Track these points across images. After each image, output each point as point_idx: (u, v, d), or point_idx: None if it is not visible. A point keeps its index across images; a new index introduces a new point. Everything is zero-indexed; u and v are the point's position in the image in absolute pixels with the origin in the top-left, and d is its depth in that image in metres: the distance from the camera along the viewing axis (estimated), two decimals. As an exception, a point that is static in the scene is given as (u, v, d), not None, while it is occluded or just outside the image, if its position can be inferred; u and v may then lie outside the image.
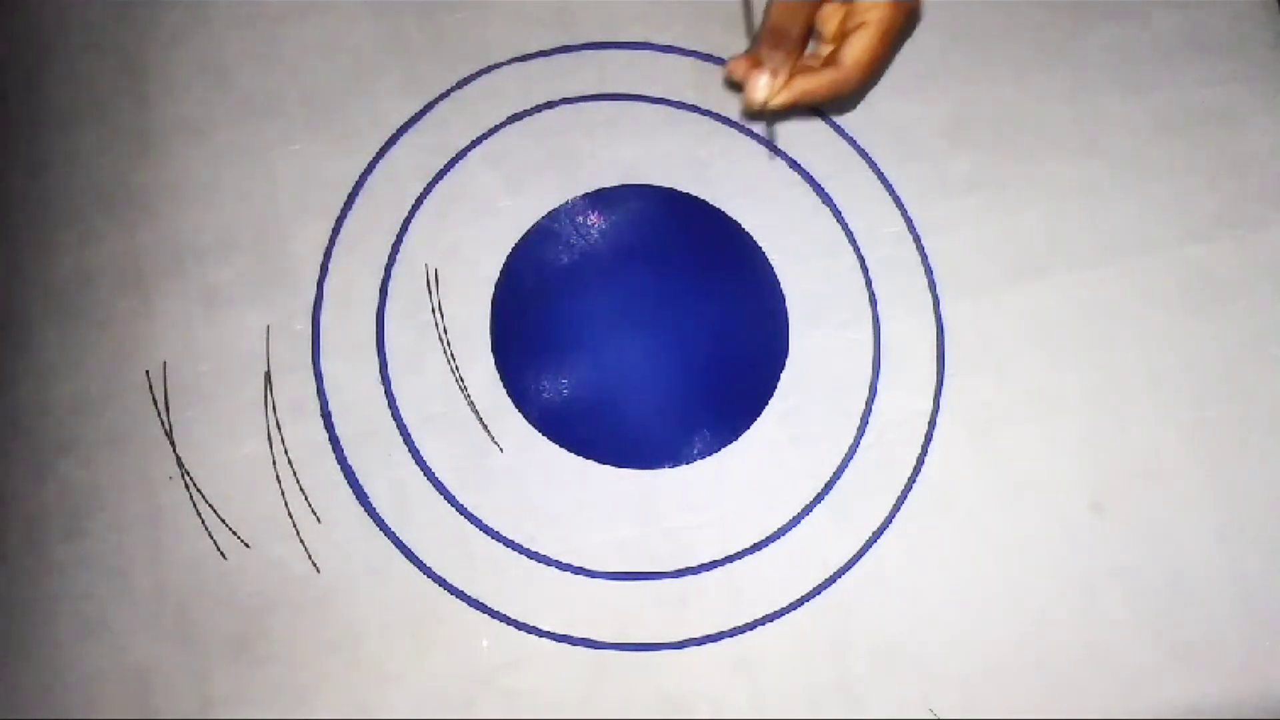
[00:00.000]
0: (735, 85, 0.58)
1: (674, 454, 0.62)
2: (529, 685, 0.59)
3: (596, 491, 0.62)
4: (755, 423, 0.63)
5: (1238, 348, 0.64)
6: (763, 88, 0.56)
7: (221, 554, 0.60)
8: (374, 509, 0.61)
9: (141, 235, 0.64)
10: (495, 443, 0.62)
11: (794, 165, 0.66)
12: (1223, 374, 0.64)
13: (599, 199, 0.65)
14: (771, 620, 0.60)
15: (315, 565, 0.60)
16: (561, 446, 0.62)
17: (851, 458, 0.62)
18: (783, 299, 0.65)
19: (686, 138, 0.66)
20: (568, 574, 0.61)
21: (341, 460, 0.62)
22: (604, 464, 0.62)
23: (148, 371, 0.62)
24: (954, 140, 0.66)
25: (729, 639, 0.60)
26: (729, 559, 0.61)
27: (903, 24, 0.58)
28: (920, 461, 0.62)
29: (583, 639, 0.60)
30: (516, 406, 0.63)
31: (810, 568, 0.61)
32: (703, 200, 0.65)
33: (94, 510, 0.61)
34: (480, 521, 0.61)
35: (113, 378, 0.62)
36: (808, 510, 0.62)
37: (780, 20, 0.55)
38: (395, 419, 0.62)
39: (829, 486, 0.62)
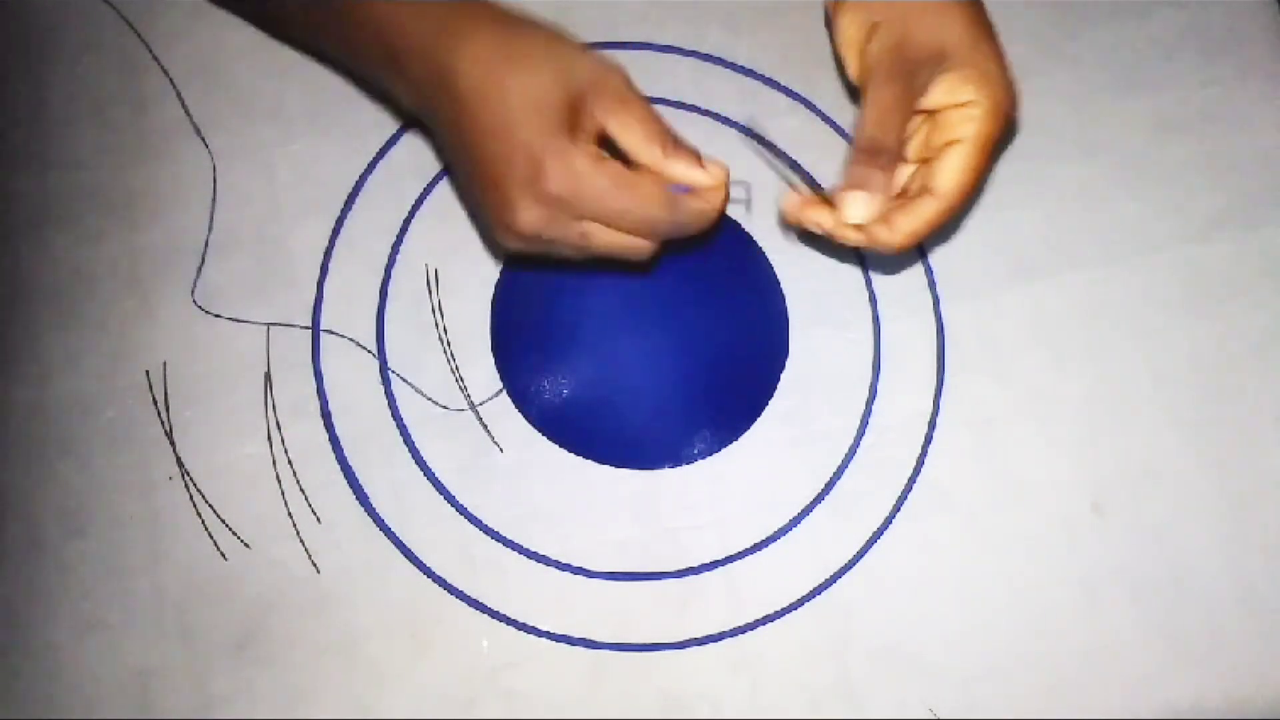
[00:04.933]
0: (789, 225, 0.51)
1: (674, 454, 0.62)
2: (529, 685, 0.59)
3: (596, 491, 0.62)
4: (755, 423, 0.63)
5: (1238, 348, 0.64)
6: (863, 203, 0.48)
7: (221, 554, 0.60)
8: (374, 509, 0.61)
9: (141, 235, 0.64)
10: (495, 443, 0.62)
11: (794, 166, 0.66)
12: (1223, 374, 0.64)
13: (599, 199, 0.65)
14: (771, 620, 0.60)
15: (315, 565, 0.60)
16: (561, 446, 0.62)
17: (851, 458, 0.62)
18: (783, 299, 0.65)
19: (686, 138, 0.66)
20: (567, 574, 0.61)
21: (341, 460, 0.62)
22: (604, 464, 0.62)
23: (148, 371, 0.62)
24: (954, 140, 0.66)
25: (729, 639, 0.60)
26: (729, 559, 0.61)
27: (1001, 136, 0.50)
28: (920, 461, 0.62)
29: (582, 639, 0.60)
30: (516, 406, 0.63)
31: (810, 568, 0.61)
32: (703, 200, 0.65)
33: (94, 510, 0.60)
34: (480, 521, 0.61)
35: (113, 378, 0.62)
36: (808, 510, 0.62)
37: (876, 134, 0.48)
38: (395, 419, 0.62)
39: (829, 486, 0.62)
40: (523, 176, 0.46)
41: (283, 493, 0.61)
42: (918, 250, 0.65)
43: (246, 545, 0.60)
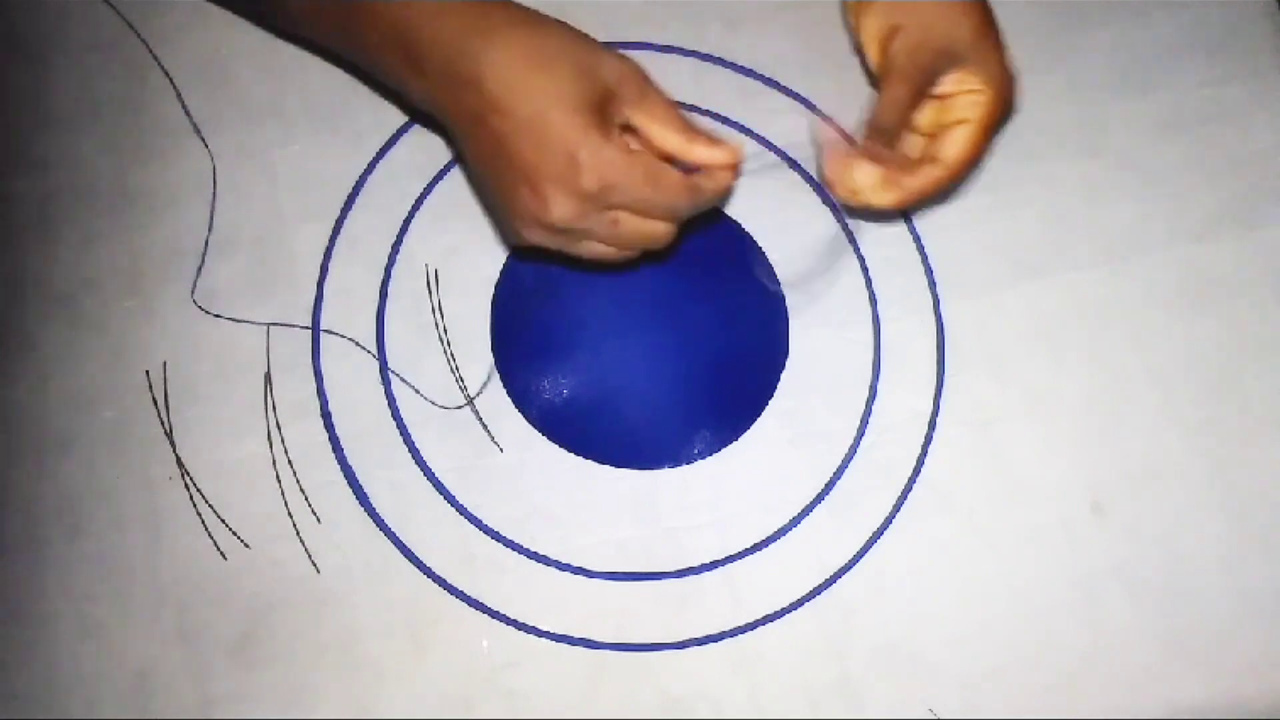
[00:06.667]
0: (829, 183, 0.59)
1: (674, 454, 0.62)
2: (529, 685, 0.59)
3: (596, 491, 0.62)
4: (755, 423, 0.63)
5: (1238, 347, 0.64)
6: (867, 173, 0.57)
7: (221, 554, 0.60)
8: (374, 509, 0.61)
9: (141, 235, 0.64)
10: (495, 443, 0.62)
11: (794, 165, 0.66)
12: (1223, 374, 0.64)
13: (599, 199, 0.65)
14: (771, 620, 0.60)
15: (315, 565, 0.60)
16: (561, 446, 0.62)
17: (851, 458, 0.62)
18: (783, 299, 0.65)
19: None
20: (567, 574, 0.61)
21: (341, 460, 0.62)
22: (604, 464, 0.62)
23: (148, 371, 0.62)
24: (954, 140, 0.66)
25: (729, 639, 0.60)
26: (729, 559, 0.61)
27: (1002, 119, 0.58)
28: (920, 461, 0.62)
29: (582, 639, 0.60)
30: (516, 406, 0.63)
31: (810, 568, 0.61)
32: (703, 200, 0.65)
33: (94, 510, 0.61)
34: (480, 521, 0.61)
35: (113, 378, 0.62)
36: (808, 510, 0.62)
37: (886, 119, 0.56)
38: (395, 419, 0.62)
39: (829, 486, 0.62)
40: (557, 172, 0.48)
41: (283, 493, 0.61)
42: (917, 250, 0.65)
43: (246, 545, 0.60)
